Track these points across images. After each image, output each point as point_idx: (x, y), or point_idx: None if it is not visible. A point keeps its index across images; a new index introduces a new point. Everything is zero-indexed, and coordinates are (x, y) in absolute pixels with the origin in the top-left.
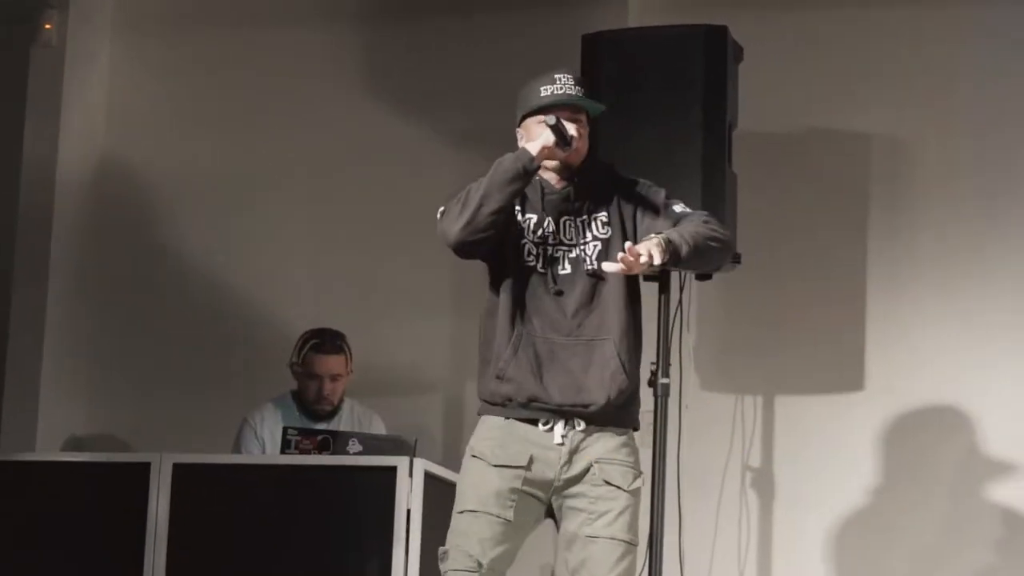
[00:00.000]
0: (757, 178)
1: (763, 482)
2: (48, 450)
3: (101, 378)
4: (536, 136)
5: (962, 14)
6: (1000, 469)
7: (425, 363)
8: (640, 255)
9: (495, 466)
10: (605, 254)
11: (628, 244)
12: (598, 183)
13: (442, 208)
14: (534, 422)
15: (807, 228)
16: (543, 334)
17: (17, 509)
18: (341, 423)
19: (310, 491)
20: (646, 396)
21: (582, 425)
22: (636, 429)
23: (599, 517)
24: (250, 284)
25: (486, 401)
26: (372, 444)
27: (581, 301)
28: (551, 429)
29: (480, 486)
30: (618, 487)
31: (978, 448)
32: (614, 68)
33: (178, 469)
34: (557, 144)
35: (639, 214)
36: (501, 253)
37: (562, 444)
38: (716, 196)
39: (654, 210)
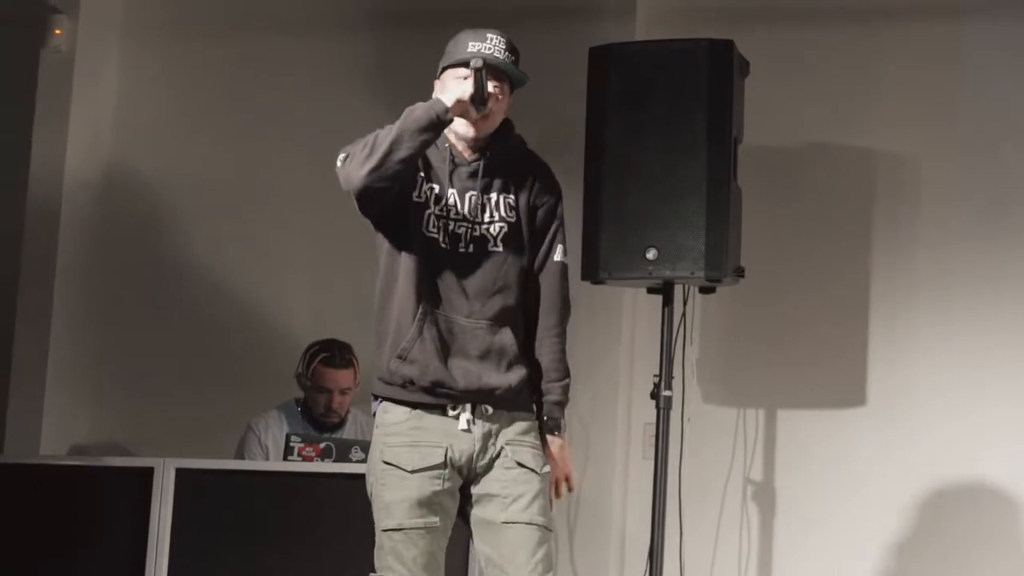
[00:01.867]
0: (761, 192)
1: (764, 495)
2: (52, 454)
3: (105, 383)
4: (452, 89)
5: (962, 34)
6: (998, 485)
7: None
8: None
9: (412, 472)
10: (509, 237)
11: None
12: (509, 163)
13: (343, 153)
14: (441, 408)
15: (810, 243)
16: (445, 313)
17: (21, 512)
18: (345, 432)
19: (312, 498)
20: (649, 408)
21: (490, 410)
22: (537, 418)
23: (514, 501)
24: (253, 291)
25: (384, 381)
26: None
27: (482, 282)
28: (458, 416)
29: (403, 499)
30: (532, 470)
31: (977, 464)
32: (621, 81)
33: (181, 474)
34: (472, 100)
35: (537, 217)
36: (399, 219)
37: (468, 431)
38: (720, 210)
39: (543, 232)
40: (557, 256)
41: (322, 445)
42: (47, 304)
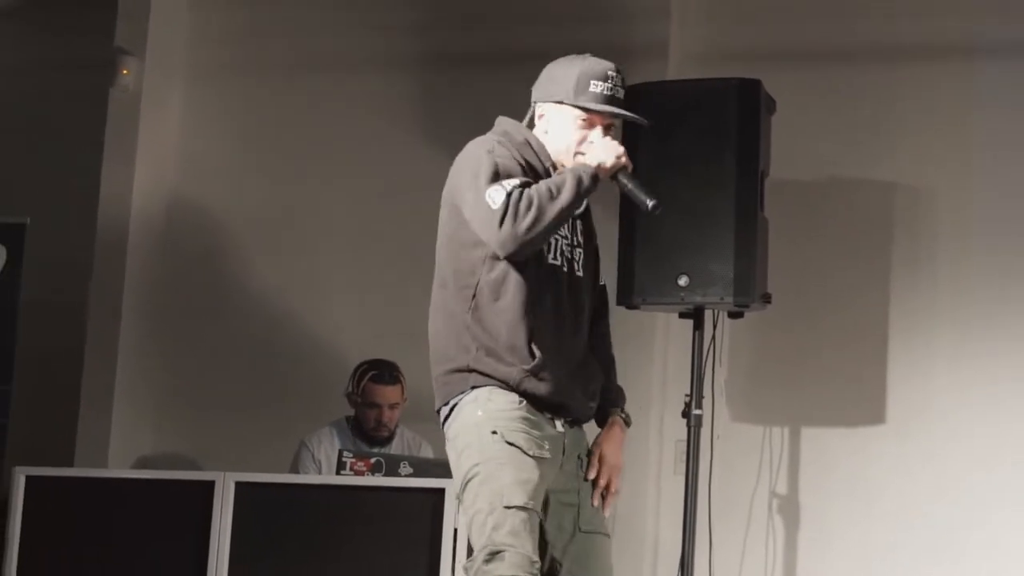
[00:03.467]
0: (787, 223)
1: (789, 509)
2: (119, 467)
3: (169, 401)
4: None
5: (977, 74)
6: (1014, 499)
7: None
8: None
9: (532, 457)
10: (588, 263)
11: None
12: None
13: (500, 209)
14: (543, 412)
15: (833, 271)
16: (561, 333)
17: (90, 522)
18: (393, 447)
19: (363, 510)
20: (680, 426)
21: (583, 421)
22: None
23: (595, 512)
24: (306, 315)
25: (495, 378)
26: (422, 467)
27: (581, 304)
28: (554, 422)
29: (527, 480)
30: (592, 483)
31: (994, 479)
32: (654, 117)
33: (240, 487)
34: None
35: (593, 239)
36: None
37: (563, 433)
38: (748, 240)
39: (595, 258)
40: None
41: (372, 460)
42: (115, 327)
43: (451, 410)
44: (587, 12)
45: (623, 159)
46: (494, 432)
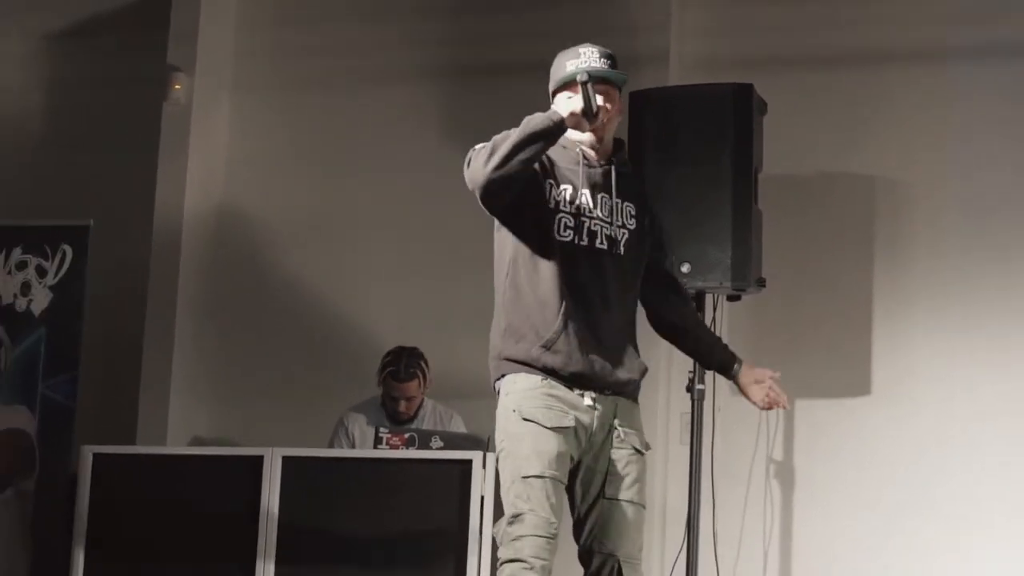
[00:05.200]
0: (779, 214)
1: (784, 473)
2: (177, 445)
3: (221, 384)
4: (565, 105)
5: (950, 76)
6: (987, 457)
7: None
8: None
9: (551, 428)
10: (631, 243)
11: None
12: (632, 175)
13: (469, 157)
14: (570, 386)
15: (821, 256)
16: (585, 309)
17: (150, 494)
18: (425, 421)
19: (399, 480)
20: (685, 400)
21: (610, 393)
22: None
23: (624, 479)
24: (345, 304)
25: (520, 362)
26: (452, 441)
27: (616, 281)
28: (583, 394)
29: (543, 451)
30: (638, 451)
31: (969, 440)
32: (657, 120)
33: (287, 461)
34: (584, 113)
35: (653, 230)
36: (533, 225)
37: (593, 407)
38: (744, 230)
39: (659, 245)
40: (667, 264)
41: (407, 435)
42: (171, 318)
43: (497, 393)
44: (595, 25)
45: (577, 109)
46: (514, 411)
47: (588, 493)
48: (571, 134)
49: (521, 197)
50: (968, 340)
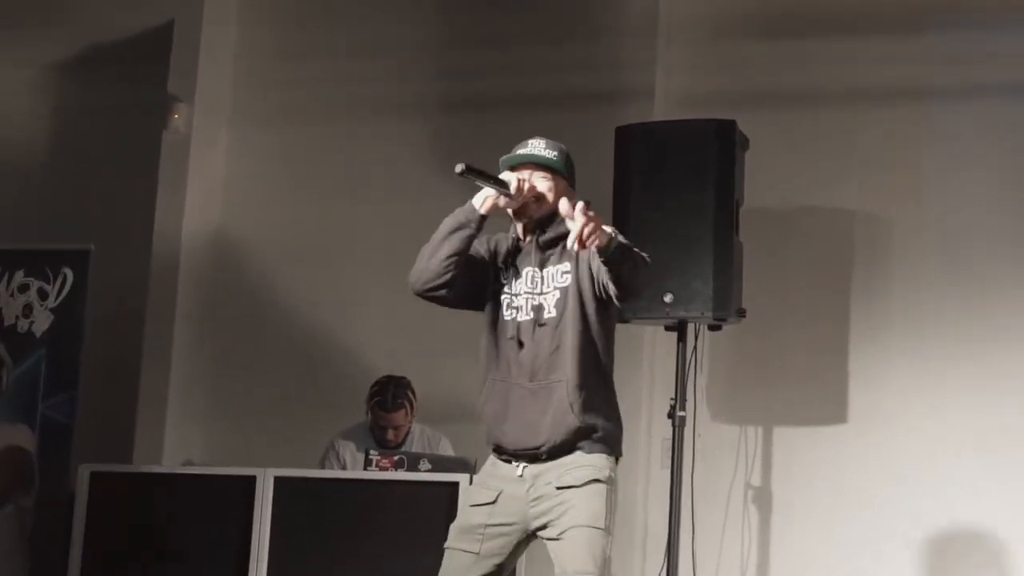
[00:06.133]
0: (760, 246)
1: (762, 497)
2: (172, 464)
3: (216, 405)
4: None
5: (927, 115)
6: (958, 483)
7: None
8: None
9: (471, 506)
10: (563, 302)
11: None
12: (560, 236)
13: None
14: (508, 460)
15: (800, 288)
16: (509, 380)
17: (146, 512)
18: (413, 445)
19: (388, 501)
20: (666, 426)
21: (544, 458)
22: (611, 454)
23: (560, 516)
24: (339, 328)
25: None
26: (440, 463)
27: (541, 347)
28: (517, 465)
29: (457, 524)
30: (571, 487)
31: (939, 467)
32: (641, 153)
33: (279, 481)
34: (498, 192)
35: (591, 266)
36: (478, 301)
37: (522, 476)
38: (725, 261)
39: (574, 293)
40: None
41: (396, 457)
42: (168, 340)
43: None
44: (585, 62)
45: (491, 194)
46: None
47: (548, 542)
48: (515, 220)
49: (468, 288)
50: (943, 370)
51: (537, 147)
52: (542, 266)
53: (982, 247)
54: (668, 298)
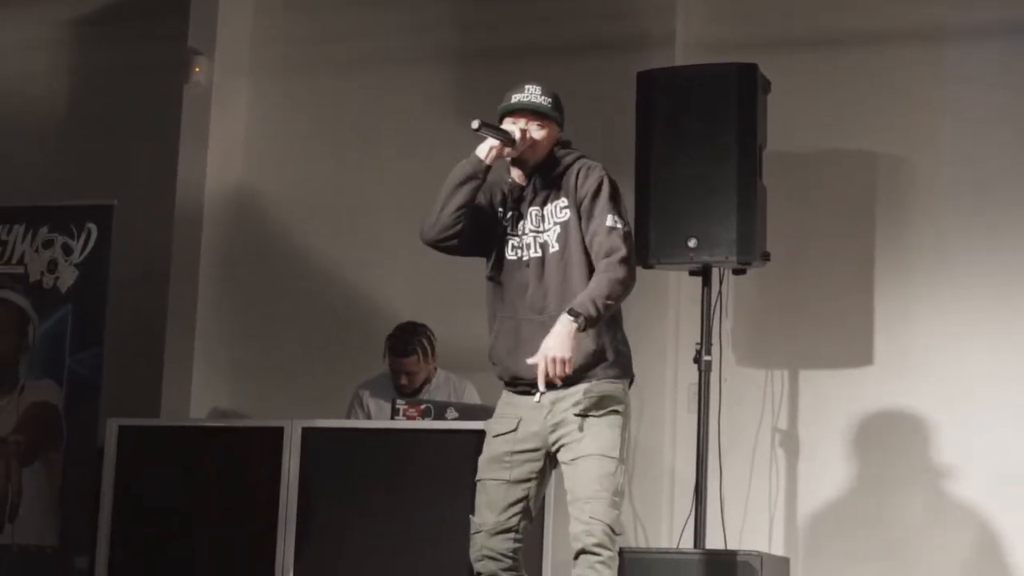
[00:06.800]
0: (783, 190)
1: (789, 441)
2: (199, 417)
3: (242, 357)
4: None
5: (947, 56)
6: (982, 424)
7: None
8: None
9: (494, 436)
10: (564, 235)
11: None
12: (556, 175)
13: None
14: (523, 391)
15: (824, 230)
16: (517, 315)
17: (174, 465)
18: (439, 391)
19: (415, 450)
20: (692, 370)
21: (560, 384)
22: (617, 377)
23: (577, 443)
24: (361, 281)
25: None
26: (466, 412)
27: (550, 280)
28: (532, 393)
29: (484, 457)
30: (589, 414)
31: (964, 408)
32: (663, 100)
33: (306, 432)
34: (504, 143)
35: (583, 204)
36: (485, 248)
37: (539, 403)
38: (749, 205)
39: (589, 210)
40: (607, 222)
41: (422, 407)
42: (193, 294)
43: None
44: (605, 9)
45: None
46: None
47: (560, 465)
48: (512, 167)
49: (477, 236)
50: (968, 311)
51: (533, 94)
52: (542, 205)
53: (1006, 187)
54: (692, 243)
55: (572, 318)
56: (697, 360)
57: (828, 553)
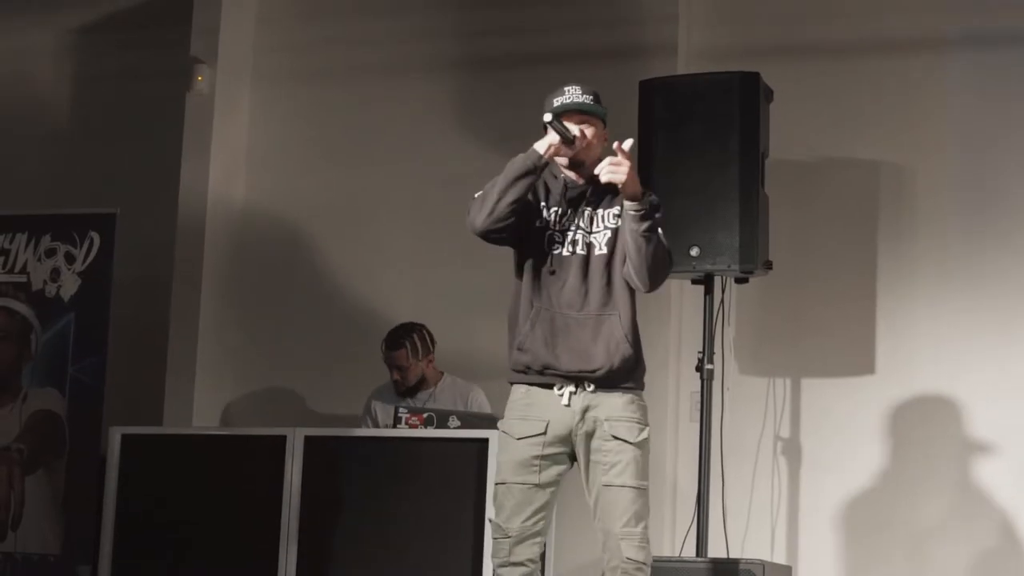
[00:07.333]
0: (785, 198)
1: (791, 450)
2: (202, 425)
3: (245, 366)
4: (544, 140)
5: (949, 65)
6: (984, 433)
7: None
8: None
9: (518, 439)
10: (613, 241)
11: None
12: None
13: (469, 207)
14: (549, 387)
15: (826, 238)
16: (553, 308)
17: (177, 474)
18: (443, 395)
19: (417, 459)
20: (694, 379)
21: (591, 387)
22: (641, 389)
23: (611, 468)
24: (365, 288)
25: (512, 369)
26: (468, 420)
27: (592, 281)
28: (562, 393)
29: (506, 460)
30: (625, 440)
31: (966, 417)
32: (666, 108)
33: (309, 440)
34: (562, 141)
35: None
36: (524, 241)
37: (568, 406)
38: (751, 214)
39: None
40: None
41: (425, 415)
42: (196, 300)
43: None
44: (607, 18)
45: (555, 141)
46: (501, 424)
47: (594, 482)
48: (562, 164)
49: (520, 227)
50: (969, 319)
51: (576, 94)
52: (595, 207)
53: (1008, 195)
54: (694, 251)
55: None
56: (699, 369)
57: (830, 561)
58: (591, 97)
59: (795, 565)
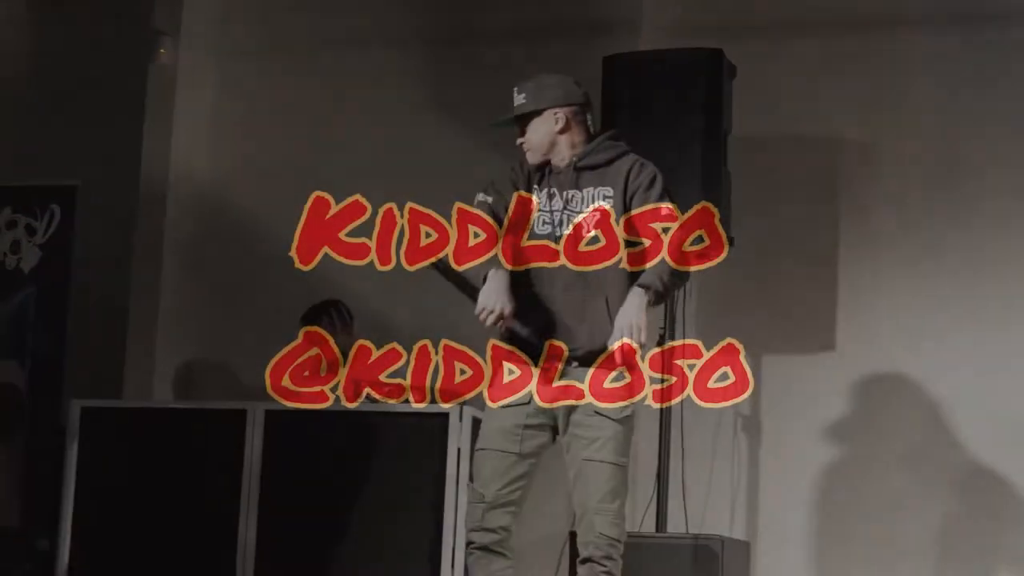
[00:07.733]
0: (748, 174)
1: (751, 426)
2: (162, 399)
3: (206, 339)
4: None
5: (911, 44)
6: (944, 409)
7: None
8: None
9: (502, 407)
10: (603, 222)
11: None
12: (602, 164)
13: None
14: (534, 350)
15: (788, 215)
16: (540, 287)
17: (137, 447)
18: None
19: (380, 433)
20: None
21: (575, 364)
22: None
23: (592, 443)
24: (326, 262)
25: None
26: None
27: (580, 261)
28: (543, 366)
29: (491, 426)
30: (607, 417)
31: (926, 393)
32: (629, 84)
33: (269, 415)
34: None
35: (637, 194)
36: (512, 225)
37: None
38: (714, 190)
39: (643, 201)
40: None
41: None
42: (157, 275)
43: None
44: None
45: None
46: None
47: (570, 454)
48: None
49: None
50: (930, 296)
51: (514, 100)
52: (582, 188)
53: (967, 171)
54: None
55: (643, 290)
56: (661, 344)
57: (789, 537)
58: (523, 96)
59: (754, 541)
